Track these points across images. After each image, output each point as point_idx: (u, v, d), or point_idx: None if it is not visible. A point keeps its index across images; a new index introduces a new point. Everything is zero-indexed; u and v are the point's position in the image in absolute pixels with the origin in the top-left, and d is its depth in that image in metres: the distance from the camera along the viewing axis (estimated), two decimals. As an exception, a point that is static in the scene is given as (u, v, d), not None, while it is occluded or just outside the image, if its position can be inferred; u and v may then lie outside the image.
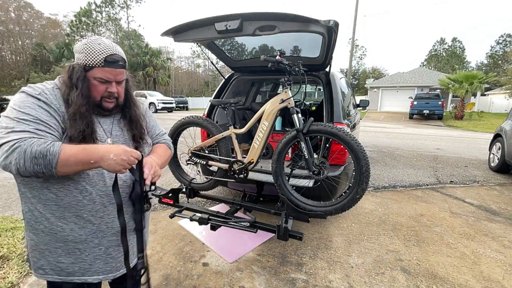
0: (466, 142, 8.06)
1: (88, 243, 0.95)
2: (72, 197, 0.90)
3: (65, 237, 0.92)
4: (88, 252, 0.96)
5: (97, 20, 37.10)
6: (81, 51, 0.89)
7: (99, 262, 0.98)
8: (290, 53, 2.59)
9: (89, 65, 0.89)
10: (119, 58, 0.93)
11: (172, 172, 2.43)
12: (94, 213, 0.94)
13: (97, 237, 0.96)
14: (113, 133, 1.01)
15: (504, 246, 2.32)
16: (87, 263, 0.96)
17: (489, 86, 22.08)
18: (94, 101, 0.94)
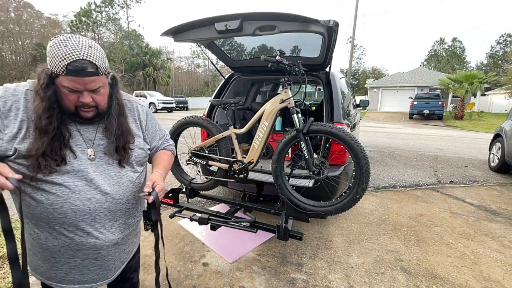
0: (466, 142, 8.06)
1: (63, 253, 0.92)
2: (43, 208, 0.87)
3: (41, 244, 0.91)
4: (63, 262, 0.93)
5: (97, 20, 37.09)
6: (48, 54, 0.78)
7: (75, 273, 0.95)
8: (290, 53, 2.59)
9: (54, 72, 0.77)
10: (86, 64, 0.78)
11: (172, 172, 2.43)
12: (66, 227, 0.88)
13: (71, 249, 0.92)
14: (96, 142, 0.92)
15: (504, 246, 2.32)
16: (63, 271, 0.94)
17: (489, 86, 22.09)
18: (68, 110, 0.85)
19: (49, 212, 0.87)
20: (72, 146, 0.87)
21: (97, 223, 0.92)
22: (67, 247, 0.91)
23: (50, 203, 0.86)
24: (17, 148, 0.81)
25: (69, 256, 0.93)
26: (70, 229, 0.89)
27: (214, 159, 2.21)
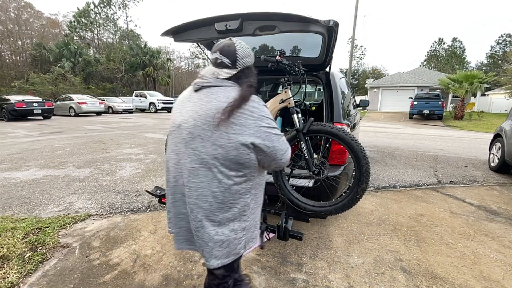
0: (466, 142, 8.06)
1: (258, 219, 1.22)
2: (260, 192, 1.18)
3: (257, 216, 1.19)
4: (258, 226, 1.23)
5: (96, 21, 37.06)
6: (250, 54, 1.14)
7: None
8: (290, 53, 2.59)
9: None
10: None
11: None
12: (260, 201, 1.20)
13: (258, 214, 1.21)
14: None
15: (504, 246, 2.32)
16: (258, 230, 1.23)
17: (489, 86, 22.10)
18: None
19: (261, 194, 1.23)
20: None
21: None
22: (260, 214, 1.27)
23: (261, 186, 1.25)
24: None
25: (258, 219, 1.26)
26: (260, 202, 1.26)
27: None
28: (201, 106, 1.01)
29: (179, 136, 1.04)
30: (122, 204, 3.08)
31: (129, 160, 5.10)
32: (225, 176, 1.01)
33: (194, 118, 1.00)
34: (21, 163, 4.80)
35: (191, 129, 1.00)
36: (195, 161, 1.00)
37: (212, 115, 0.97)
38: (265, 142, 1.00)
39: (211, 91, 1.03)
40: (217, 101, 0.99)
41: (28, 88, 21.85)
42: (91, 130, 9.67)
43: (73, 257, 2.07)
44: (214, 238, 1.04)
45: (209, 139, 0.97)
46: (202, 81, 1.06)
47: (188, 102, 1.06)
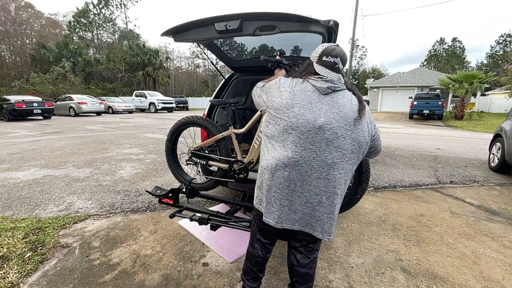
0: (466, 142, 8.06)
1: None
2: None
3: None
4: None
5: (95, 21, 37.03)
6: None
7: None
8: (290, 53, 2.59)
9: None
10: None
11: (172, 172, 2.43)
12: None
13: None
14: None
15: (504, 246, 2.32)
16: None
17: (489, 86, 22.10)
18: None
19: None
20: None
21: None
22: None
23: None
24: None
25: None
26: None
27: (214, 159, 2.20)
28: (339, 108, 1.19)
29: (319, 136, 1.17)
30: (122, 204, 3.08)
31: (129, 160, 5.10)
32: (355, 166, 1.26)
33: (336, 120, 1.18)
34: (21, 163, 4.80)
35: (335, 130, 1.17)
36: (337, 157, 1.18)
37: (351, 116, 1.19)
38: (378, 135, 1.33)
39: (342, 95, 1.24)
40: (350, 104, 1.22)
41: (28, 88, 21.84)
42: (91, 130, 9.67)
43: (73, 257, 2.07)
44: (336, 217, 1.26)
45: (350, 137, 1.19)
46: (334, 85, 1.23)
47: (320, 104, 1.20)
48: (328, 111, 1.18)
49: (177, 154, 2.45)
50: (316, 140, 1.17)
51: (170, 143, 2.36)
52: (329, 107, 1.19)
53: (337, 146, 1.17)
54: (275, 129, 1.25)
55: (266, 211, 1.29)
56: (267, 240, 1.47)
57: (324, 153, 1.17)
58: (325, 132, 1.16)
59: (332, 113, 1.18)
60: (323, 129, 1.16)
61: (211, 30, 1.92)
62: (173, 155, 2.41)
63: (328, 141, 1.17)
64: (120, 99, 21.75)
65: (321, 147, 1.17)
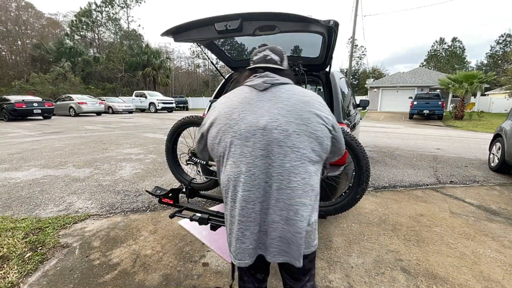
0: (466, 142, 8.06)
1: None
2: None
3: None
4: None
5: (97, 20, 37.06)
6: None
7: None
8: (290, 53, 2.59)
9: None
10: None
11: (172, 172, 2.43)
12: None
13: None
14: None
15: (504, 246, 2.32)
16: None
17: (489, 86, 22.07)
18: None
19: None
20: None
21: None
22: None
23: None
24: None
25: None
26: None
27: (214, 159, 2.20)
28: (284, 102, 1.01)
29: (267, 138, 0.98)
30: (122, 204, 3.08)
31: (129, 160, 5.11)
32: (319, 167, 1.06)
33: (282, 115, 0.99)
34: (21, 163, 4.80)
35: (283, 127, 0.97)
36: (294, 159, 0.97)
37: (301, 108, 1.00)
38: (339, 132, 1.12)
39: (286, 88, 1.06)
40: (298, 96, 1.04)
41: (28, 88, 21.85)
42: (91, 130, 9.67)
43: (73, 257, 2.07)
44: (313, 231, 1.06)
45: (305, 132, 0.99)
46: (270, 78, 1.06)
47: (261, 102, 1.03)
48: (271, 108, 1.00)
49: (177, 154, 2.45)
50: (265, 143, 0.97)
51: (170, 143, 2.36)
52: (272, 103, 1.01)
53: (291, 146, 0.97)
54: (221, 147, 1.05)
55: (238, 251, 1.04)
56: (257, 272, 1.21)
57: (279, 156, 0.97)
58: (272, 132, 0.97)
59: (277, 108, 1.00)
60: (269, 129, 0.97)
61: (211, 30, 1.92)
62: (173, 155, 2.41)
63: (279, 142, 0.97)
64: (120, 99, 21.76)
65: (274, 150, 0.97)
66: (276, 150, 0.97)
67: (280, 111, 0.99)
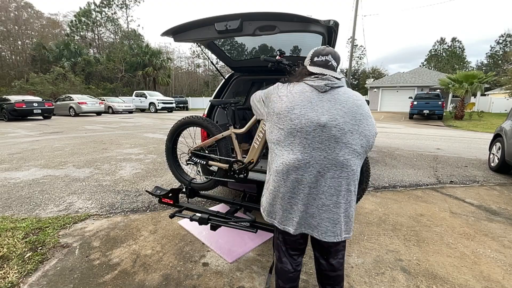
0: (466, 142, 8.06)
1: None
2: None
3: None
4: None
5: (97, 20, 37.05)
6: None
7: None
8: (290, 53, 2.59)
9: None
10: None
11: (172, 172, 2.43)
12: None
13: None
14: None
15: (504, 246, 2.32)
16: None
17: (489, 86, 22.09)
18: None
19: None
20: None
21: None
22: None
23: None
24: None
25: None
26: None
27: (214, 159, 2.20)
28: (342, 104, 1.20)
29: (325, 134, 1.16)
30: (122, 204, 3.08)
31: (129, 160, 5.11)
32: (362, 161, 1.25)
33: (341, 115, 1.17)
34: (21, 163, 4.80)
35: (341, 126, 1.16)
36: (347, 154, 1.17)
37: (355, 111, 1.20)
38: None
39: (342, 91, 1.24)
40: (353, 99, 1.22)
41: (28, 88, 21.83)
42: (91, 130, 9.68)
43: (73, 257, 2.07)
44: (353, 214, 1.26)
45: (357, 132, 1.19)
46: (331, 82, 1.23)
47: (321, 102, 1.20)
48: (331, 108, 1.18)
49: (177, 154, 2.45)
50: (324, 138, 1.16)
51: (170, 143, 2.36)
52: (331, 104, 1.19)
53: (346, 142, 1.16)
54: (280, 134, 1.23)
55: (283, 219, 1.25)
56: (295, 252, 1.41)
57: (335, 150, 1.16)
58: (331, 130, 1.15)
59: (336, 109, 1.18)
60: (329, 127, 1.15)
61: (211, 30, 1.92)
62: (173, 155, 2.41)
63: (336, 138, 1.16)
64: (120, 99, 21.76)
65: (330, 145, 1.16)
66: (332, 145, 1.16)
67: (338, 112, 1.18)
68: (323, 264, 1.40)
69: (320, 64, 1.27)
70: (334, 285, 1.41)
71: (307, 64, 1.33)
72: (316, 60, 1.29)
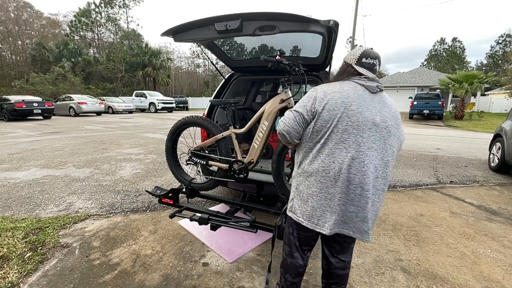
0: (466, 142, 8.06)
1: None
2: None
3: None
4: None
5: (96, 20, 37.04)
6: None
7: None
8: (290, 53, 2.59)
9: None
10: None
11: (172, 172, 2.43)
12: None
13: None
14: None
15: (504, 246, 2.32)
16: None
17: (489, 86, 22.08)
18: None
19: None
20: None
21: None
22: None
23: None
24: None
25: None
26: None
27: (214, 159, 2.20)
28: (389, 107, 1.24)
29: (378, 134, 1.17)
30: (122, 204, 3.08)
31: (129, 160, 5.11)
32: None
33: (389, 118, 1.21)
34: (21, 163, 4.80)
35: (389, 128, 1.20)
36: (390, 155, 1.21)
37: (397, 115, 1.26)
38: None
39: (386, 95, 1.29)
40: (394, 105, 1.28)
41: (28, 88, 21.82)
42: (91, 130, 9.67)
43: (73, 257, 2.07)
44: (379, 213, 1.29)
45: (396, 135, 1.24)
46: (381, 85, 1.25)
47: (373, 103, 1.21)
48: (382, 109, 1.20)
49: (177, 154, 2.45)
50: (377, 138, 1.17)
51: (170, 143, 2.36)
52: (381, 106, 1.21)
53: (390, 144, 1.20)
54: (331, 130, 1.17)
55: (321, 219, 1.21)
56: (307, 247, 1.43)
57: (383, 151, 1.18)
58: (382, 130, 1.18)
59: (386, 111, 1.21)
60: (381, 127, 1.17)
61: (211, 30, 1.92)
62: (173, 155, 2.41)
63: (385, 140, 1.19)
64: (120, 99, 21.75)
65: (380, 145, 1.18)
66: (382, 145, 1.19)
67: (387, 114, 1.21)
68: (332, 262, 1.41)
69: (368, 67, 1.26)
70: (341, 284, 1.42)
71: (352, 63, 1.28)
72: (364, 62, 1.26)
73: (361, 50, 1.29)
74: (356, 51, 1.30)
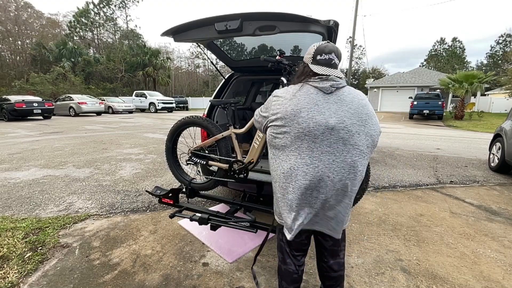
0: (466, 142, 8.06)
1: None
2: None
3: None
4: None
5: (95, 20, 37.04)
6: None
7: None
8: (290, 53, 2.59)
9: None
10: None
11: (172, 172, 2.43)
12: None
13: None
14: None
15: (504, 246, 2.32)
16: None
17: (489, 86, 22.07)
18: None
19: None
20: None
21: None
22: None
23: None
24: None
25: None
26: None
27: (214, 159, 2.20)
28: (349, 105, 1.18)
29: (334, 137, 1.14)
30: (122, 204, 3.08)
31: (129, 160, 5.11)
32: (368, 161, 1.24)
33: (348, 117, 1.16)
34: (21, 163, 4.80)
35: (349, 128, 1.15)
36: (356, 154, 1.16)
37: (361, 111, 1.19)
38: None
39: (347, 91, 1.22)
40: (358, 99, 1.21)
41: (28, 88, 21.82)
42: (91, 130, 9.67)
43: (73, 257, 2.07)
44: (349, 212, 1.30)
45: (363, 132, 1.18)
46: (336, 83, 1.20)
47: (328, 104, 1.17)
48: (338, 110, 1.16)
49: (177, 154, 2.45)
50: (332, 141, 1.14)
51: (170, 143, 2.36)
52: (337, 106, 1.17)
53: (353, 144, 1.15)
54: (286, 139, 1.19)
55: (293, 221, 1.24)
56: (298, 252, 1.41)
57: (343, 153, 1.14)
58: (339, 132, 1.14)
59: (342, 111, 1.16)
60: (337, 129, 1.14)
61: (211, 30, 1.92)
62: (173, 155, 2.41)
63: (344, 141, 1.14)
64: (120, 99, 21.75)
65: (339, 147, 1.14)
66: (340, 147, 1.14)
67: (345, 114, 1.16)
68: (324, 266, 1.43)
69: (324, 63, 1.22)
70: (336, 285, 1.44)
71: (308, 62, 1.27)
72: (319, 59, 1.23)
73: (315, 47, 1.25)
74: (311, 50, 1.27)
